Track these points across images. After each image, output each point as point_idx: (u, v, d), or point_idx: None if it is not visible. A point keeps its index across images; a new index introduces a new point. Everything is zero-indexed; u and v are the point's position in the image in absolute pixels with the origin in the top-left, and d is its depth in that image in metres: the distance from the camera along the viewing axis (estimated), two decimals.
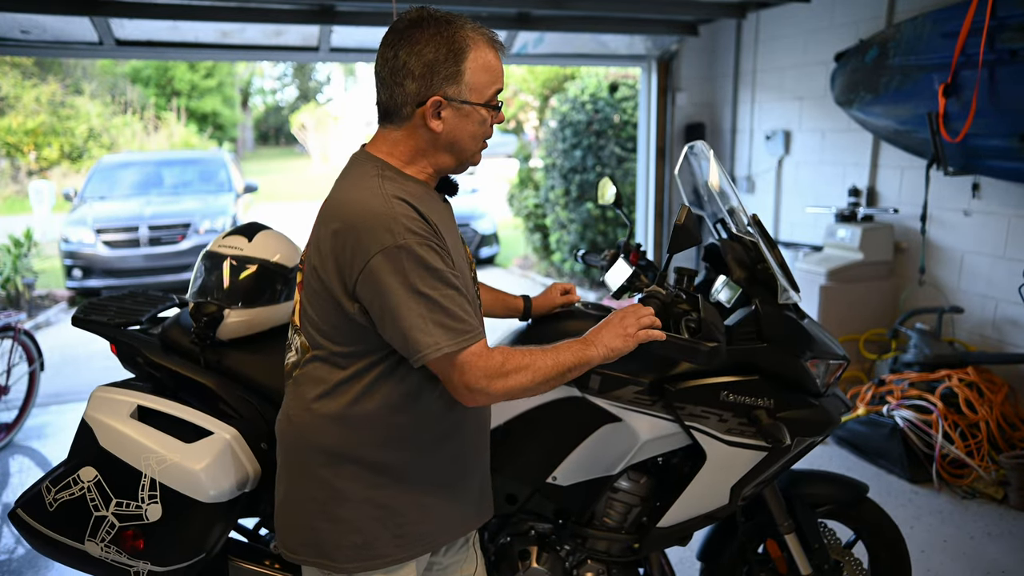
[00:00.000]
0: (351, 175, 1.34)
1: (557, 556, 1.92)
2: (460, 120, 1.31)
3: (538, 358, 1.31)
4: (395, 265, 1.20)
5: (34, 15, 4.11)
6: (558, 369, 1.32)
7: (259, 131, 31.21)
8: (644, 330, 1.42)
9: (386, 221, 1.22)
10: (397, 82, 1.29)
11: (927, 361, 3.62)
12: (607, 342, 1.38)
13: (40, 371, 4.16)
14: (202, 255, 2.02)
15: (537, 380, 1.30)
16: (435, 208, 1.34)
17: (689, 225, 1.48)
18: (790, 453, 1.78)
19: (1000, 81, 3.05)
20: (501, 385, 1.27)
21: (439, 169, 1.37)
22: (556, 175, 7.81)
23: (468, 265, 1.45)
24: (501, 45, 1.34)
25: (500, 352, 1.29)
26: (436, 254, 1.24)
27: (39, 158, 15.80)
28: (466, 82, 1.29)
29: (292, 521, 1.40)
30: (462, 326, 1.24)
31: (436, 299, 1.22)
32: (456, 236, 1.42)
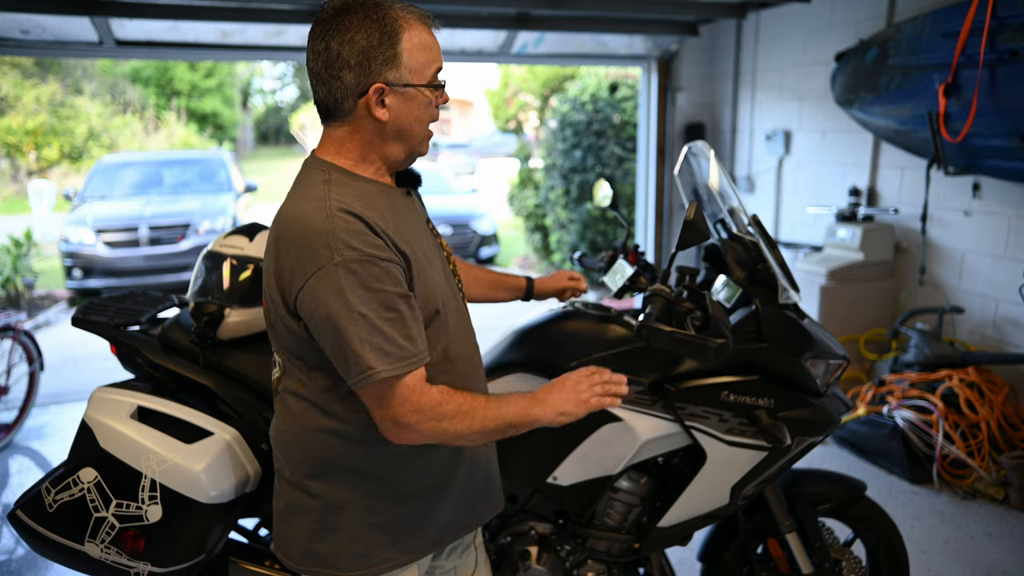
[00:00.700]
0: (299, 185, 1.27)
1: (557, 556, 1.92)
2: (405, 105, 1.24)
3: (480, 406, 1.24)
4: (332, 283, 1.14)
5: (34, 15, 4.11)
6: (498, 423, 1.25)
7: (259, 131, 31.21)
8: (598, 397, 1.34)
9: (325, 238, 1.15)
10: (334, 75, 1.22)
11: (927, 361, 3.62)
12: (557, 405, 1.31)
13: (40, 371, 4.15)
14: (203, 255, 2.02)
15: (475, 429, 1.23)
16: (391, 207, 1.27)
17: (698, 221, 1.48)
18: (790, 453, 1.78)
19: (1000, 81, 3.05)
20: (433, 427, 1.21)
21: (390, 162, 1.30)
22: (556, 175, 7.81)
23: (443, 260, 1.39)
24: (434, 21, 1.28)
25: (439, 391, 1.22)
26: (378, 270, 1.17)
27: (39, 158, 15.80)
28: (405, 64, 1.22)
29: (292, 532, 1.37)
30: (399, 352, 1.17)
31: (374, 321, 1.15)
32: (422, 233, 1.34)
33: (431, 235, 1.39)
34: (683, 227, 1.49)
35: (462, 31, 4.93)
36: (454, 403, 1.22)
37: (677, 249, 1.52)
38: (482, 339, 1.56)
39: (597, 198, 2.06)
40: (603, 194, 2.05)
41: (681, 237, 1.49)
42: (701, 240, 1.49)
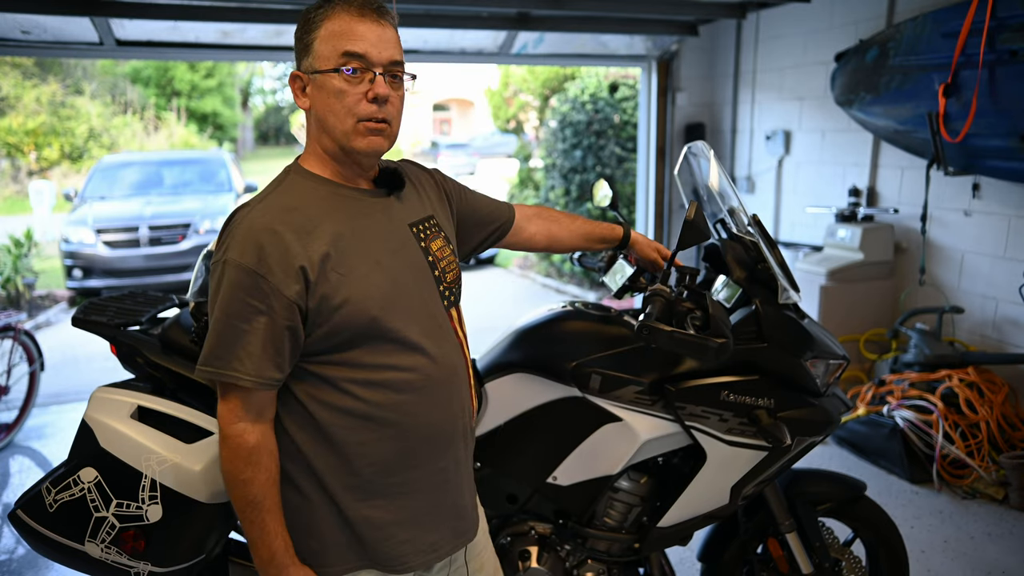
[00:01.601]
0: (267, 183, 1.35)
1: (557, 556, 1.92)
2: (317, 93, 1.25)
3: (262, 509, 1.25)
4: (217, 275, 1.22)
5: (34, 15, 4.11)
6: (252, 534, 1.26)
7: (259, 131, 31.21)
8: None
9: (226, 235, 1.23)
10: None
11: (927, 361, 3.62)
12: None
13: (40, 371, 4.16)
14: (203, 255, 2.02)
15: (237, 499, 1.25)
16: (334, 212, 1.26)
17: (699, 221, 1.47)
18: (790, 453, 1.78)
19: (1000, 81, 3.05)
20: (227, 456, 1.25)
21: (332, 156, 1.29)
22: (556, 175, 7.81)
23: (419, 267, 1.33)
24: (380, 10, 1.25)
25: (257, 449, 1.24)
26: (252, 286, 1.18)
27: (39, 158, 15.81)
28: (315, 51, 1.24)
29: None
30: (226, 360, 1.20)
31: (224, 321, 1.20)
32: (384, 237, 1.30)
33: (410, 238, 1.34)
34: (683, 227, 1.49)
35: (462, 31, 4.93)
36: (253, 463, 1.24)
37: (677, 249, 1.52)
38: (482, 339, 1.56)
39: (597, 198, 2.07)
40: (603, 194, 2.05)
41: (681, 237, 1.49)
42: (701, 240, 1.49)
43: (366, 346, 1.26)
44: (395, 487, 1.32)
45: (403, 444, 1.31)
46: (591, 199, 7.15)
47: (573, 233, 1.81)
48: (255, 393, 1.23)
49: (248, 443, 1.24)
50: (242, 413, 1.24)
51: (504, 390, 1.83)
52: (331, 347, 1.25)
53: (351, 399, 1.27)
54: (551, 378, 1.80)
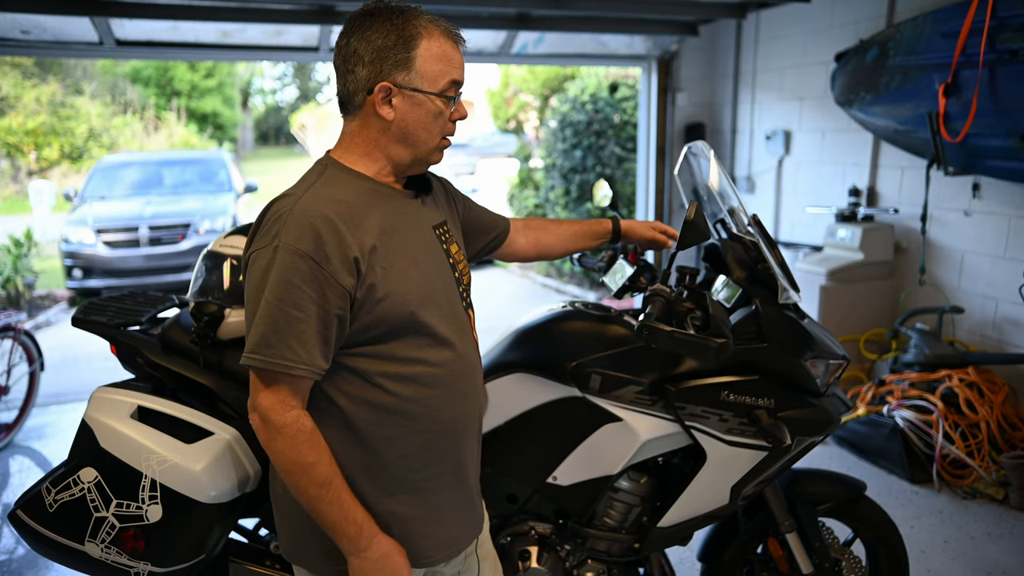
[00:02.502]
0: (301, 178, 1.33)
1: (557, 556, 1.92)
2: (411, 109, 1.27)
3: (327, 482, 1.22)
4: (265, 261, 1.20)
5: (34, 15, 4.11)
6: (321, 509, 1.23)
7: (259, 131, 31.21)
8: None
9: (275, 222, 1.22)
10: (349, 70, 1.27)
11: (927, 361, 3.62)
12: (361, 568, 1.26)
13: (40, 371, 4.16)
14: (203, 255, 2.02)
15: (301, 488, 1.22)
16: (380, 208, 1.28)
17: (699, 221, 1.48)
18: (790, 453, 1.78)
19: (1000, 81, 3.05)
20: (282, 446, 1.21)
21: (395, 163, 1.32)
22: (556, 175, 7.81)
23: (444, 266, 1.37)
24: (459, 37, 1.31)
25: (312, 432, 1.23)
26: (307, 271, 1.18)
27: (39, 158, 15.81)
28: (416, 69, 1.25)
29: (281, 522, 1.41)
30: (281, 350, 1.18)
31: (275, 308, 1.18)
32: (420, 236, 1.34)
33: (435, 240, 1.38)
34: (683, 227, 1.49)
35: (462, 31, 4.92)
36: (314, 453, 1.22)
37: (677, 249, 1.52)
38: (482, 339, 1.56)
39: (597, 198, 2.07)
40: (603, 194, 2.06)
41: (681, 237, 1.49)
42: (701, 240, 1.49)
43: (401, 339, 1.28)
44: (420, 481, 1.35)
45: (429, 438, 1.34)
46: (591, 199, 7.16)
47: (562, 237, 1.85)
48: (305, 381, 1.23)
49: (307, 427, 1.23)
50: (294, 401, 1.23)
51: (504, 390, 1.83)
52: (368, 339, 1.27)
53: (382, 393, 1.29)
54: (551, 378, 1.80)
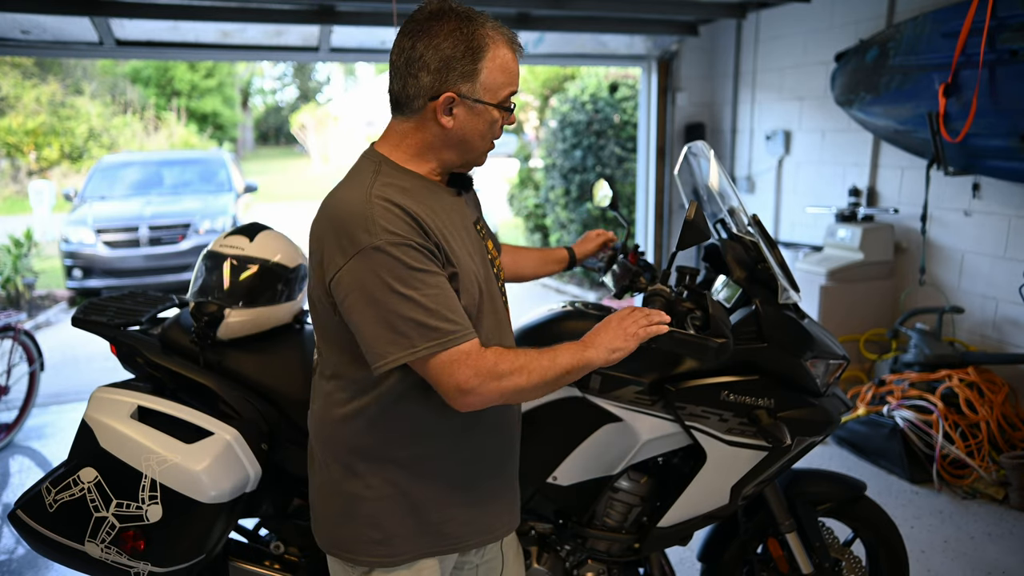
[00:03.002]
0: (351, 173, 1.34)
1: (557, 556, 1.92)
2: (471, 118, 1.29)
3: (534, 359, 1.26)
4: (372, 266, 1.18)
5: (34, 15, 4.11)
6: (555, 371, 1.27)
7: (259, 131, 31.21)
8: (644, 328, 1.36)
9: (364, 222, 1.20)
10: (412, 73, 1.27)
11: (927, 361, 3.62)
12: (607, 343, 1.33)
13: (40, 371, 4.15)
14: (203, 255, 2.02)
15: (533, 382, 1.25)
16: (436, 204, 1.31)
17: (699, 221, 1.48)
18: (790, 453, 1.78)
19: (1000, 81, 3.05)
20: (495, 387, 1.22)
21: (445, 166, 1.35)
22: (556, 175, 7.81)
23: (486, 262, 1.41)
24: (520, 47, 1.33)
25: (492, 352, 1.24)
26: (417, 253, 1.21)
27: (39, 158, 15.80)
28: (481, 81, 1.27)
29: (319, 513, 1.42)
30: (446, 325, 1.20)
31: (417, 299, 1.19)
32: (467, 231, 1.37)
33: (476, 235, 1.41)
34: (684, 227, 1.49)
35: None
36: (508, 361, 1.24)
37: (678, 249, 1.52)
38: None
39: (597, 198, 2.07)
40: (603, 194, 2.06)
41: (682, 237, 1.50)
42: (701, 240, 1.49)
43: None
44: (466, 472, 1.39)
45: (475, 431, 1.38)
46: (591, 199, 7.16)
47: (532, 262, 1.92)
48: (471, 341, 1.24)
49: (491, 358, 1.23)
50: (474, 356, 1.22)
51: None
52: None
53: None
54: None
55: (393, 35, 1.33)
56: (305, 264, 2.13)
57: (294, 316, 2.09)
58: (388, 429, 1.33)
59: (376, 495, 1.34)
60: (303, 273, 2.10)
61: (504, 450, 1.46)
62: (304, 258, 2.13)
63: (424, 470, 1.36)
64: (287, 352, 2.00)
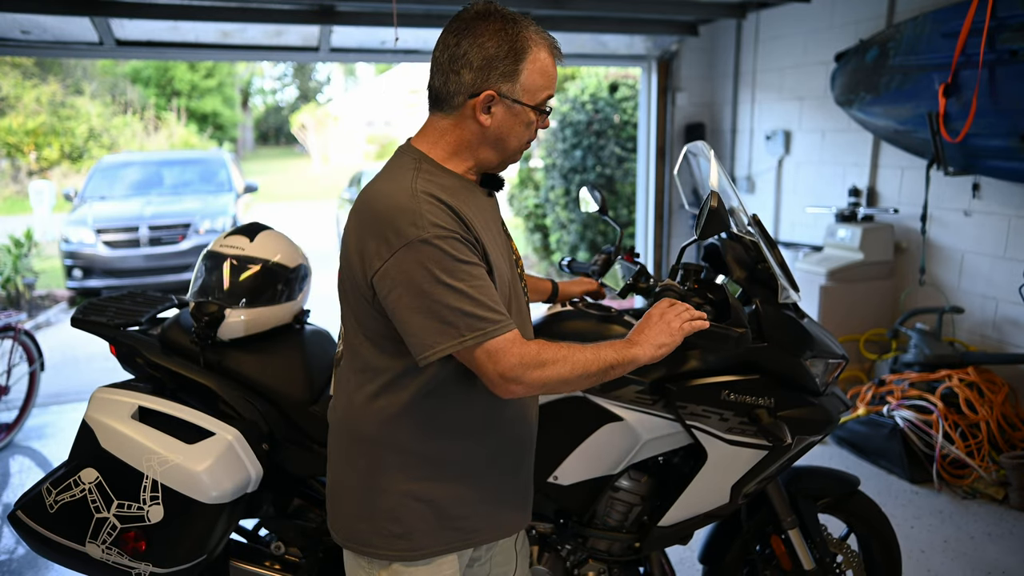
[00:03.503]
0: (389, 167, 1.35)
1: (558, 555, 1.92)
2: (509, 118, 1.32)
3: (576, 351, 1.29)
4: (420, 258, 1.20)
5: (34, 15, 4.11)
6: (599, 364, 1.29)
7: (259, 131, 31.21)
8: (688, 323, 1.40)
9: (410, 215, 1.21)
10: (454, 70, 1.29)
11: (927, 361, 3.62)
12: (653, 339, 1.36)
13: (40, 371, 4.15)
14: (203, 255, 2.02)
15: (576, 373, 1.27)
16: (472, 203, 1.33)
17: (721, 210, 1.50)
18: (790, 452, 1.79)
19: (1000, 81, 3.05)
20: (538, 375, 1.25)
21: (481, 164, 1.37)
22: (556, 175, 7.81)
23: (511, 262, 1.43)
24: (560, 53, 1.36)
25: (535, 343, 1.28)
26: (462, 245, 1.23)
27: (39, 158, 15.80)
28: (521, 82, 1.30)
29: (337, 506, 1.42)
30: (492, 315, 1.23)
31: (464, 290, 1.21)
32: (497, 232, 1.40)
33: (504, 235, 1.45)
34: (707, 216, 1.50)
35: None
36: (551, 351, 1.27)
37: (700, 238, 1.54)
38: None
39: (588, 205, 2.07)
40: (586, 201, 2.06)
41: (704, 226, 1.51)
42: (723, 229, 1.52)
43: None
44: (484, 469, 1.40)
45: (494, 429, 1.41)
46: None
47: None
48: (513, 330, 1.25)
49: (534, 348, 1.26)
50: (518, 345, 1.24)
51: None
52: None
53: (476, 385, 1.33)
54: None
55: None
56: (305, 264, 2.13)
57: (294, 316, 2.09)
58: (416, 424, 1.34)
59: (399, 490, 1.35)
60: (303, 273, 2.10)
61: (523, 447, 1.49)
62: (304, 258, 2.13)
63: (448, 465, 1.37)
64: (287, 352, 2.00)
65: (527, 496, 1.52)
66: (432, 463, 1.35)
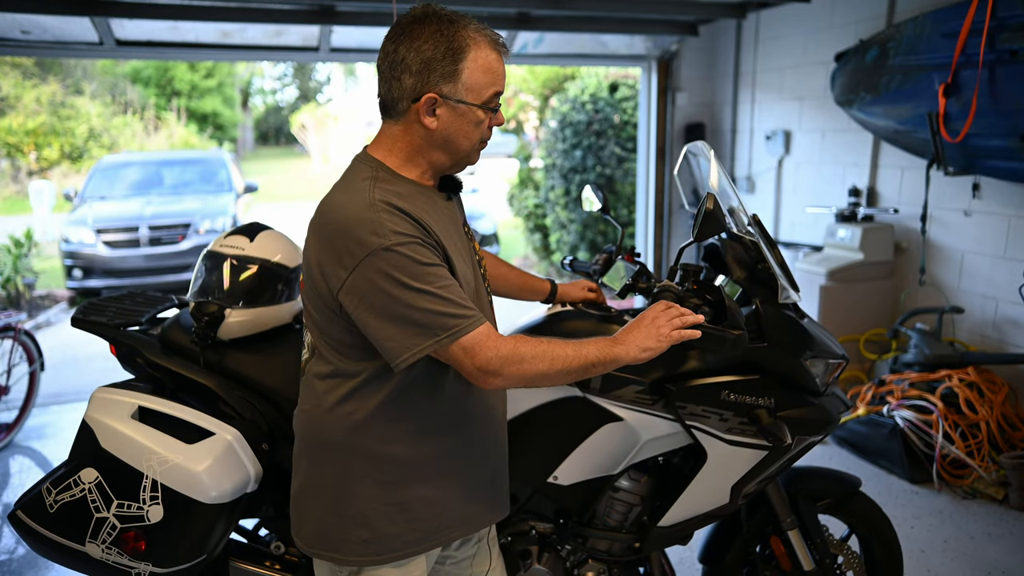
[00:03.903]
0: (347, 178, 1.35)
1: (558, 556, 1.92)
2: (455, 119, 1.31)
3: (557, 347, 1.29)
4: (384, 266, 1.21)
5: (34, 15, 4.11)
6: (580, 361, 1.30)
7: (259, 131, 31.19)
8: (678, 330, 1.38)
9: (371, 225, 1.22)
10: (395, 76, 1.30)
11: (927, 361, 3.62)
12: (639, 342, 1.35)
13: (40, 371, 4.16)
14: (203, 255, 2.02)
15: (556, 368, 1.28)
16: (431, 208, 1.34)
17: (718, 211, 1.49)
18: (790, 452, 1.79)
19: (1000, 81, 3.05)
20: (516, 369, 1.26)
21: (435, 167, 1.37)
22: (556, 175, 7.81)
23: (474, 264, 1.45)
24: (505, 48, 1.35)
25: (512, 338, 1.28)
26: (425, 249, 1.24)
27: (39, 158, 15.80)
28: (463, 81, 1.29)
29: (304, 513, 1.42)
30: (462, 311, 1.24)
31: (432, 291, 1.22)
32: (458, 235, 1.41)
33: (465, 238, 1.45)
34: (704, 217, 1.50)
35: None
36: (530, 346, 1.28)
37: (696, 240, 1.54)
38: None
39: (584, 206, 2.08)
40: (589, 200, 2.06)
41: (701, 227, 1.51)
42: (719, 230, 1.52)
43: None
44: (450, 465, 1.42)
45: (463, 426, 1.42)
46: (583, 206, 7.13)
47: (510, 280, 1.94)
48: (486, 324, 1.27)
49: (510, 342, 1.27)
50: (493, 339, 1.26)
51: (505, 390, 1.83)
52: None
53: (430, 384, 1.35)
54: None
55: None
56: None
57: (294, 316, 2.09)
58: (383, 428, 1.34)
59: (369, 494, 1.35)
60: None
61: (490, 445, 1.50)
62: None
63: (416, 468, 1.37)
64: (287, 352, 2.00)
65: (496, 493, 1.53)
66: (400, 466, 1.36)
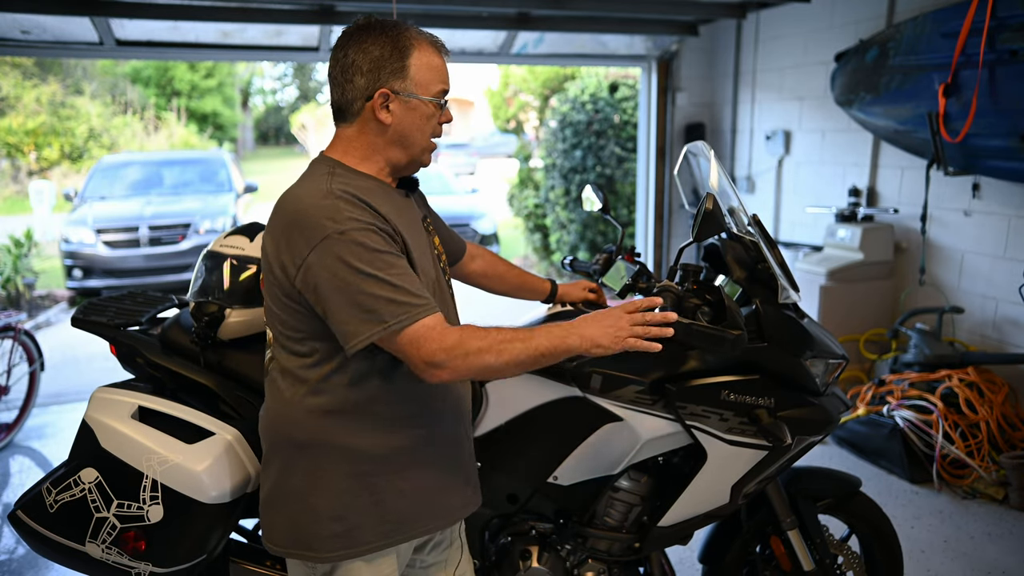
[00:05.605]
0: (305, 175, 1.39)
1: (558, 556, 1.92)
2: (408, 113, 1.36)
3: (506, 340, 1.27)
4: (339, 251, 1.23)
5: (34, 15, 4.11)
6: (529, 353, 1.28)
7: (259, 131, 31.21)
8: (634, 338, 1.31)
9: (327, 211, 1.25)
10: (347, 79, 1.35)
11: (927, 361, 3.62)
12: (590, 334, 1.30)
13: (40, 371, 4.16)
14: (203, 255, 2.02)
15: (504, 360, 1.27)
16: (389, 202, 1.37)
17: (717, 212, 1.50)
18: (790, 452, 1.79)
19: (1000, 81, 3.05)
20: (462, 363, 1.25)
21: (392, 164, 1.41)
22: (556, 175, 7.81)
23: (434, 259, 1.47)
24: (445, 49, 1.43)
25: (460, 329, 1.28)
26: (379, 237, 1.27)
27: (39, 158, 15.81)
28: (411, 77, 1.35)
29: (275, 514, 1.42)
30: (413, 299, 1.25)
31: (384, 278, 1.24)
32: (416, 228, 1.43)
33: (425, 232, 1.48)
34: (703, 218, 1.50)
35: (462, 31, 4.92)
36: (478, 338, 1.27)
37: (695, 240, 1.54)
38: None
39: (585, 205, 2.08)
40: (589, 200, 2.06)
41: (700, 228, 1.52)
42: (719, 231, 1.52)
43: None
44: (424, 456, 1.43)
45: (438, 416, 1.45)
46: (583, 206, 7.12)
47: (507, 281, 1.95)
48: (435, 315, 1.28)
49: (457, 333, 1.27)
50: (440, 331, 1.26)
51: (505, 390, 1.83)
52: None
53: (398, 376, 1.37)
54: (551, 378, 1.81)
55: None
56: None
57: None
58: (350, 420, 1.36)
59: (341, 487, 1.36)
60: None
61: (457, 436, 1.51)
62: None
63: (384, 458, 1.38)
64: None
65: (466, 486, 1.53)
66: (371, 458, 1.37)
